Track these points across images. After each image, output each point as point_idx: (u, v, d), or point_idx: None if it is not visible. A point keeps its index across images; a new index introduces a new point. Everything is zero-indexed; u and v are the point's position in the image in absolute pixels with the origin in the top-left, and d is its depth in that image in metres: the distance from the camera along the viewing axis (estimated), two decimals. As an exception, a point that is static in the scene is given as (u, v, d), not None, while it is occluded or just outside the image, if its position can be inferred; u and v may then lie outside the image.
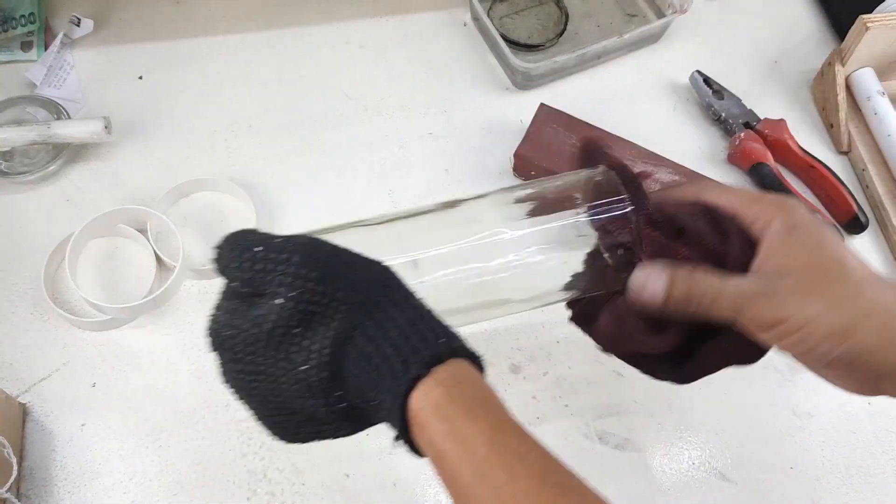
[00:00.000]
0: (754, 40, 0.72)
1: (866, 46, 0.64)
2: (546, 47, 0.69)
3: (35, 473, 0.49)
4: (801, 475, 0.52)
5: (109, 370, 0.52)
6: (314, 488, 0.49)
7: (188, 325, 0.54)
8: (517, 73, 0.65)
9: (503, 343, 0.55)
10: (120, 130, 0.61)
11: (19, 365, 0.52)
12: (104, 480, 0.49)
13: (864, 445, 0.53)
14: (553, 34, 0.70)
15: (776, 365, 0.56)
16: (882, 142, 0.64)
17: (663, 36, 0.71)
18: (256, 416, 0.34)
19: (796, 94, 0.69)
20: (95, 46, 0.66)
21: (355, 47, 0.68)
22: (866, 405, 0.55)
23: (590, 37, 0.70)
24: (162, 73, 0.65)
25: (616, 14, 0.73)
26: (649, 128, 0.66)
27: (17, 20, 0.64)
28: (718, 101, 0.66)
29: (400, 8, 0.71)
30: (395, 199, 0.61)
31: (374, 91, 0.66)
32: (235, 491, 0.49)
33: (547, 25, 0.71)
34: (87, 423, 0.51)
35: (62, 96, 0.62)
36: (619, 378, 0.55)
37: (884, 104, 0.64)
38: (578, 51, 0.64)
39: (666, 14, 0.70)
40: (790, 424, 0.54)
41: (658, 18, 0.71)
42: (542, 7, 0.72)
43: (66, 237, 0.54)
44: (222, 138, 0.63)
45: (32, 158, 0.59)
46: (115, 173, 0.60)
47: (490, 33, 0.66)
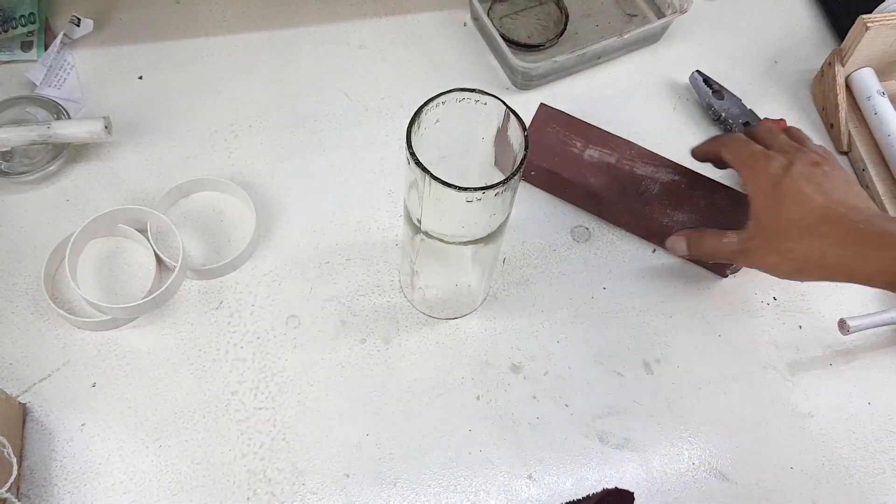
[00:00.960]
0: (754, 40, 0.72)
1: (866, 46, 0.64)
2: (546, 47, 0.69)
3: (35, 473, 0.49)
4: (801, 475, 0.52)
5: (109, 370, 0.52)
6: (314, 488, 0.49)
7: (188, 325, 0.54)
8: (517, 73, 0.65)
9: (503, 343, 0.55)
10: (120, 130, 0.61)
11: (19, 365, 0.52)
12: (104, 480, 0.49)
13: (864, 445, 0.53)
14: (553, 34, 0.70)
15: (776, 365, 0.56)
16: (882, 142, 0.64)
17: (663, 36, 0.71)
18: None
19: (796, 94, 0.70)
20: (95, 46, 0.66)
21: (355, 47, 0.68)
22: (866, 405, 0.55)
23: (590, 37, 0.70)
24: (162, 73, 0.65)
25: (616, 14, 0.73)
26: (649, 128, 0.66)
27: (17, 20, 0.64)
28: (718, 101, 0.66)
29: (400, 8, 0.71)
30: (395, 200, 0.61)
31: (374, 91, 0.66)
32: (235, 491, 0.49)
33: (547, 25, 0.71)
34: (87, 423, 0.51)
35: (62, 96, 0.62)
36: (619, 378, 0.55)
37: (884, 104, 0.64)
38: (578, 51, 0.64)
39: (666, 14, 0.70)
40: (790, 424, 0.54)
41: (658, 18, 0.71)
42: (542, 7, 0.72)
43: (66, 237, 0.54)
44: (222, 138, 0.63)
45: (32, 158, 0.59)
46: (115, 173, 0.60)
47: (490, 33, 0.66)
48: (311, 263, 0.57)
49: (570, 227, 0.61)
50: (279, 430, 0.51)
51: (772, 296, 0.59)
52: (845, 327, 0.55)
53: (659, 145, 0.62)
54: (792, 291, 0.59)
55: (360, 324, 0.55)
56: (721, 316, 0.57)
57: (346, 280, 0.57)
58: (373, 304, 0.56)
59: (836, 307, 0.58)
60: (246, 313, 0.55)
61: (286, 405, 0.52)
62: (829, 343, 0.57)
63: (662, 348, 0.56)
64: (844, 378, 0.56)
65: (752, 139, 0.54)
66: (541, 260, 0.59)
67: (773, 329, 0.57)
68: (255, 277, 0.56)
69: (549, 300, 0.57)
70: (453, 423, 0.52)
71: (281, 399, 0.52)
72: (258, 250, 0.58)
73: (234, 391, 0.52)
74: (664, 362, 0.55)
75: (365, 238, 0.59)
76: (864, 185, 0.64)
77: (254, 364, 0.53)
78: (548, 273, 0.58)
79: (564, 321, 0.57)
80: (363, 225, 0.59)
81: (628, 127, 0.64)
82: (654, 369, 0.55)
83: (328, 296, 0.56)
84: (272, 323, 0.55)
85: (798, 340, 0.57)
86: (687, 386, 0.55)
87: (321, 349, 0.54)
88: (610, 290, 0.58)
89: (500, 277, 0.58)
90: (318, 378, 0.53)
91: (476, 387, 0.53)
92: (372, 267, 0.58)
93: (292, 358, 0.54)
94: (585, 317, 0.57)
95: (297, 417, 0.52)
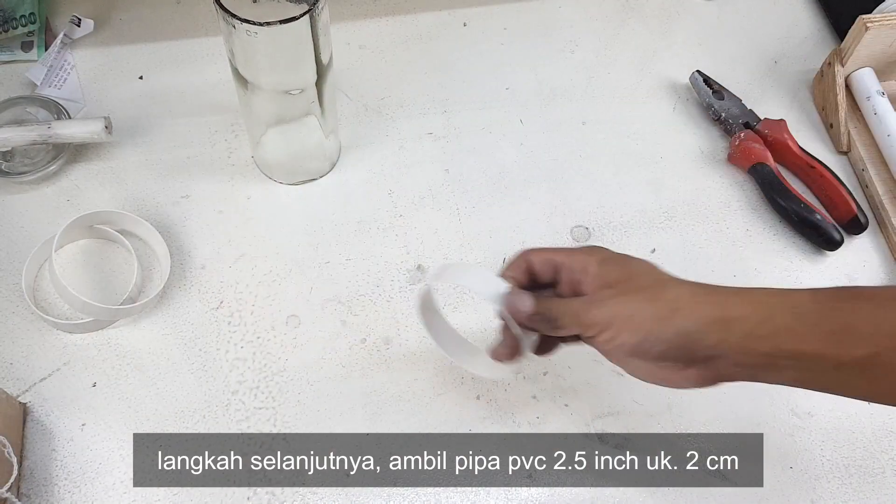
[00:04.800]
0: (754, 40, 0.72)
1: (866, 46, 0.64)
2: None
3: (35, 473, 0.49)
4: (801, 475, 0.52)
5: (109, 370, 0.52)
6: (314, 488, 0.49)
7: (188, 324, 0.54)
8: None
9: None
10: (120, 130, 0.61)
11: (19, 365, 0.52)
12: (104, 480, 0.49)
13: (864, 445, 0.53)
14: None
15: (776, 365, 0.56)
16: (881, 142, 0.64)
17: (663, 36, 0.71)
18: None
19: (796, 94, 0.70)
20: (96, 46, 0.66)
21: (355, 47, 0.68)
22: (866, 405, 0.55)
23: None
24: (162, 73, 0.65)
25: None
26: (649, 128, 0.66)
27: (17, 20, 0.64)
28: (718, 101, 0.66)
29: (400, 8, 0.71)
30: (394, 200, 0.61)
31: (374, 91, 0.66)
32: (235, 490, 0.49)
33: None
34: (87, 423, 0.51)
35: (62, 96, 0.62)
36: (619, 378, 0.54)
37: (883, 104, 0.64)
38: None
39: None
40: (790, 424, 0.54)
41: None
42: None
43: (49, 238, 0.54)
44: (223, 138, 0.63)
45: (33, 158, 0.59)
46: (116, 173, 0.60)
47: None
48: (311, 263, 0.57)
49: (570, 227, 0.61)
50: (279, 430, 0.51)
51: (772, 296, 0.59)
52: (845, 327, 0.55)
53: (659, 145, 0.62)
54: (792, 291, 0.59)
55: (360, 324, 0.55)
56: (721, 316, 0.57)
57: (346, 280, 0.57)
58: (373, 304, 0.56)
59: (836, 307, 0.58)
60: (246, 313, 0.55)
61: (286, 405, 0.52)
62: (829, 343, 0.57)
63: (662, 348, 0.56)
64: (844, 378, 0.56)
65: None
66: (541, 260, 0.59)
67: (773, 329, 0.57)
68: (255, 277, 0.56)
69: (549, 300, 0.57)
70: (453, 423, 0.52)
71: (281, 399, 0.52)
72: (258, 251, 0.58)
73: (234, 391, 0.52)
74: (664, 362, 0.55)
75: (365, 238, 0.59)
76: (864, 185, 0.64)
77: (254, 364, 0.53)
78: (548, 273, 0.58)
79: (564, 321, 0.56)
80: (363, 225, 0.59)
81: (628, 127, 0.64)
82: (654, 369, 0.55)
83: (328, 296, 0.56)
84: (272, 323, 0.55)
85: (798, 340, 0.57)
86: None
87: (321, 349, 0.54)
88: (610, 290, 0.58)
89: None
90: (318, 378, 0.53)
91: (476, 387, 0.53)
92: (372, 267, 0.58)
93: (292, 358, 0.54)
94: (585, 317, 0.57)
95: (297, 417, 0.52)
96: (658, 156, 0.65)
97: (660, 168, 0.64)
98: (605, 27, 0.72)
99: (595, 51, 0.70)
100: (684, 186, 0.63)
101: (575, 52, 0.70)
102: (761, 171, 0.62)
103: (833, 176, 0.63)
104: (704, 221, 0.62)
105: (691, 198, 0.63)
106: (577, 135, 0.65)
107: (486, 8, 0.72)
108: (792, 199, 0.61)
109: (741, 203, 0.63)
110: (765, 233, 0.62)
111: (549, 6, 0.73)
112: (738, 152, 0.63)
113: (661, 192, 0.63)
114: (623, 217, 0.61)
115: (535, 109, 0.66)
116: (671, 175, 0.64)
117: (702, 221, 0.62)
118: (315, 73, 0.51)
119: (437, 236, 0.59)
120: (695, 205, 0.62)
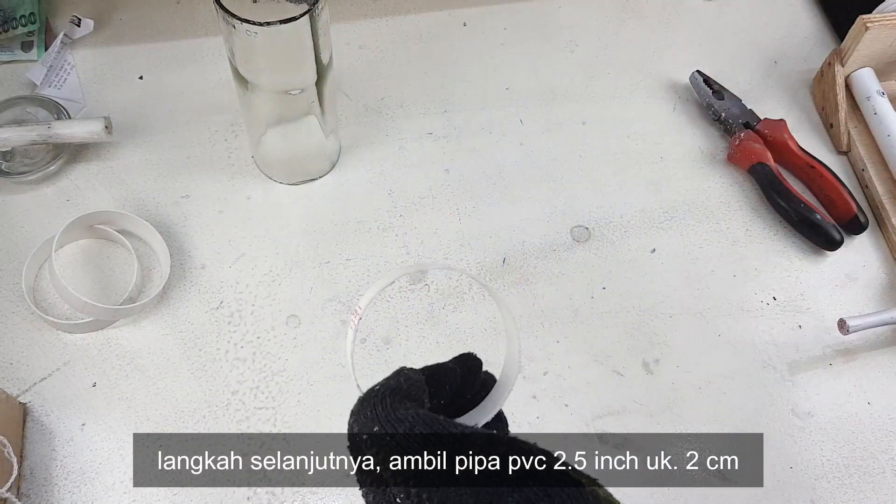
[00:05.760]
0: (754, 40, 0.72)
1: (866, 46, 0.64)
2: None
3: (35, 473, 0.49)
4: (801, 475, 0.52)
5: (109, 370, 0.52)
6: (314, 488, 0.49)
7: (188, 324, 0.54)
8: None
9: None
10: (120, 130, 0.61)
11: (19, 365, 0.52)
12: (104, 480, 0.49)
13: (864, 445, 0.53)
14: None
15: (776, 365, 0.56)
16: (881, 142, 0.64)
17: (663, 36, 0.71)
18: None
19: (796, 94, 0.70)
20: (96, 46, 0.66)
21: (355, 47, 0.68)
22: (866, 405, 0.55)
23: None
24: (162, 73, 0.65)
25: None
26: (649, 128, 0.66)
27: (17, 20, 0.64)
28: (718, 101, 0.66)
29: (400, 8, 0.71)
30: (394, 200, 0.61)
31: (374, 91, 0.66)
32: (235, 490, 0.49)
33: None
34: (87, 423, 0.51)
35: (62, 96, 0.62)
36: (619, 378, 0.55)
37: (883, 104, 0.64)
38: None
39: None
40: (790, 424, 0.54)
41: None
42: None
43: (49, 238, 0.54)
44: (223, 138, 0.63)
45: (33, 158, 0.59)
46: (116, 173, 0.60)
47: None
48: (311, 263, 0.57)
49: (570, 227, 0.61)
50: (279, 430, 0.51)
51: (772, 295, 0.59)
52: (845, 327, 0.55)
53: (659, 145, 0.62)
54: (792, 291, 0.59)
55: (361, 324, 0.55)
56: (720, 315, 0.57)
57: (346, 280, 0.57)
58: (373, 304, 0.56)
59: (836, 307, 0.58)
60: (246, 313, 0.55)
61: (286, 405, 0.52)
62: (829, 343, 0.57)
63: (662, 348, 0.56)
64: (844, 378, 0.56)
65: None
66: (541, 260, 0.59)
67: (773, 329, 0.57)
68: (255, 277, 0.56)
69: (549, 300, 0.57)
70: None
71: (281, 399, 0.52)
72: (258, 251, 0.58)
73: (234, 391, 0.52)
74: (664, 362, 0.55)
75: (365, 238, 0.59)
76: (864, 185, 0.64)
77: (254, 364, 0.53)
78: (548, 273, 0.58)
79: (564, 321, 0.57)
80: (363, 225, 0.59)
81: (628, 127, 0.64)
82: (654, 369, 0.55)
83: (328, 296, 0.56)
84: (272, 323, 0.55)
85: (798, 340, 0.57)
86: (687, 386, 0.55)
87: (321, 349, 0.54)
88: (610, 290, 0.58)
89: (499, 277, 0.58)
90: (318, 378, 0.53)
91: (476, 387, 0.53)
92: (372, 267, 0.58)
93: (292, 358, 0.54)
94: (585, 317, 0.57)
95: (297, 417, 0.52)
96: (658, 156, 0.65)
97: (660, 168, 0.64)
98: (605, 27, 0.72)
99: (595, 51, 0.70)
100: (684, 186, 0.63)
101: (575, 52, 0.70)
102: (761, 171, 0.62)
103: (833, 176, 0.63)
104: (704, 221, 0.62)
105: (691, 198, 0.63)
106: (577, 135, 0.65)
107: (485, 8, 0.72)
108: (792, 198, 0.61)
109: (741, 203, 0.63)
110: (765, 233, 0.62)
111: (549, 6, 0.73)
112: (738, 152, 0.64)
113: (661, 192, 0.63)
114: (623, 217, 0.61)
115: (535, 109, 0.66)
116: (671, 175, 0.64)
117: (702, 221, 0.62)
118: (315, 73, 0.51)
119: (437, 236, 0.59)
120: (695, 205, 0.62)
